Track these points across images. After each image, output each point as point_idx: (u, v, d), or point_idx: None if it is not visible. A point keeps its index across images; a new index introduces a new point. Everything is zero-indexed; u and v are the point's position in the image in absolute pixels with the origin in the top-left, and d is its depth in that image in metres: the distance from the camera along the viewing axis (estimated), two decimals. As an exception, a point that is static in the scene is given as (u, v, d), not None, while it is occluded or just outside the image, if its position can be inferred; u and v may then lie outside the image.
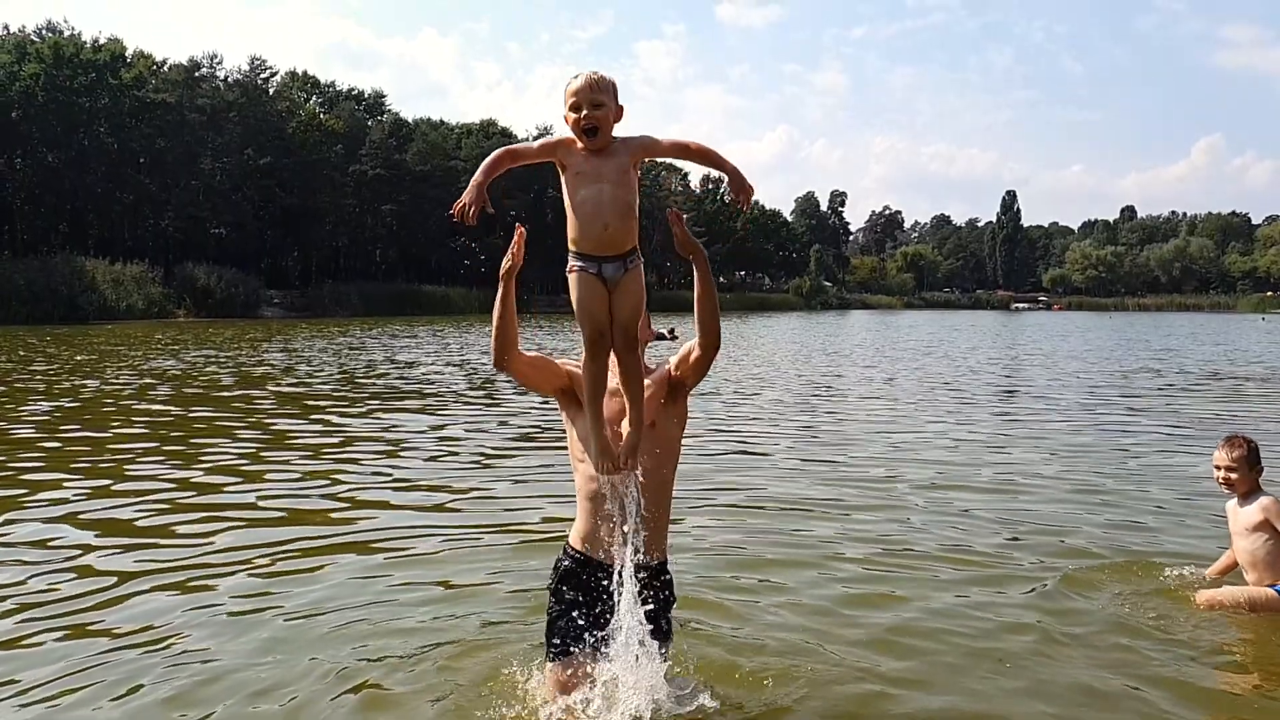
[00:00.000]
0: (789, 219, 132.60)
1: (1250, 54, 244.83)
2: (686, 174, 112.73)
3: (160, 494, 7.81)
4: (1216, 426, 12.49)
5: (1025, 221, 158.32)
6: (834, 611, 5.11)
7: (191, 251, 58.57)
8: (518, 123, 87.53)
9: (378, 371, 19.86)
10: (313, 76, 75.65)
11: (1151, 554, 6.23)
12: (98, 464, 9.11)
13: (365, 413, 13.27)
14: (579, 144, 3.23)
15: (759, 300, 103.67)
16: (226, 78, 66.63)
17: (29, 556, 6.01)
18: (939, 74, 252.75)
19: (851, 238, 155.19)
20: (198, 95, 62.68)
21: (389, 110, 79.67)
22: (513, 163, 3.36)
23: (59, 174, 54.47)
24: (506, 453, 10.08)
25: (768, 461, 9.79)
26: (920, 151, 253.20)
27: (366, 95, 79.12)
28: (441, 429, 11.77)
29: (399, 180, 72.92)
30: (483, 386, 16.81)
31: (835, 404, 15.20)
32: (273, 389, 16.15)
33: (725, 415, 13.18)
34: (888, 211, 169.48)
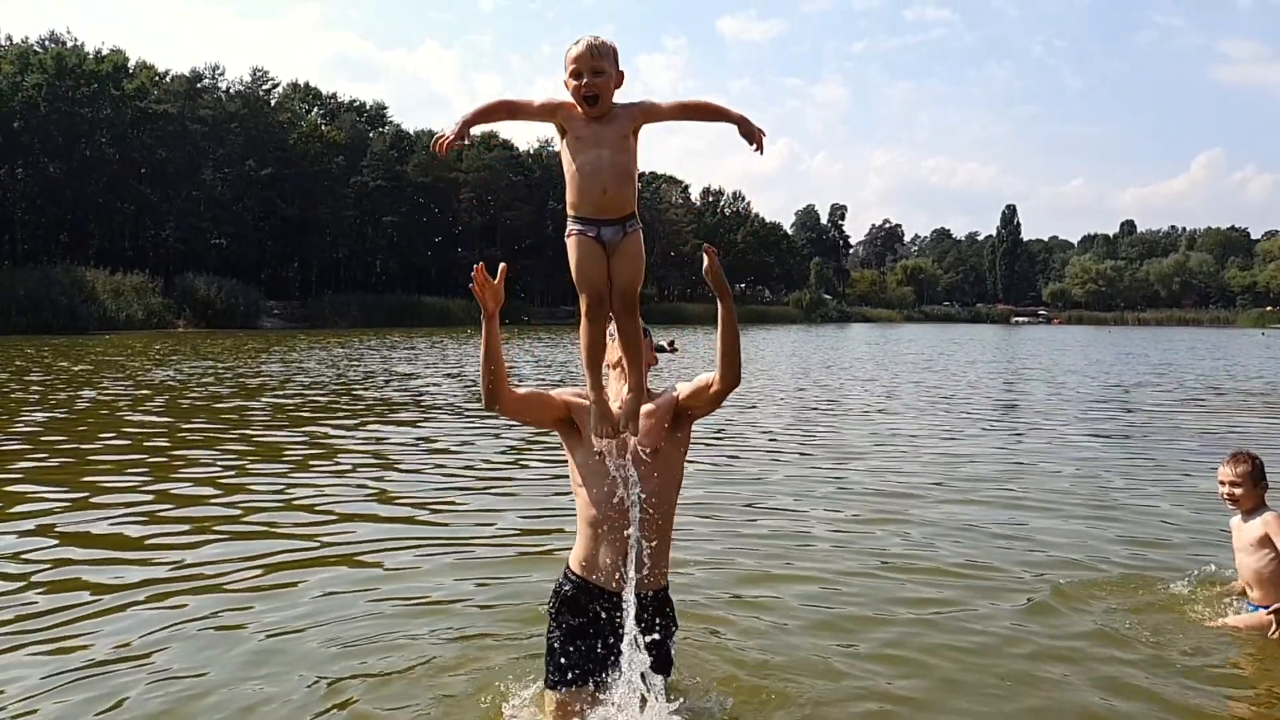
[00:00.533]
0: (789, 232, 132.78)
1: (1249, 69, 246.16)
2: (687, 186, 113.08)
3: (143, 507, 7.74)
4: (1217, 442, 12.42)
5: (1025, 235, 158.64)
6: (835, 626, 5.10)
7: (192, 262, 58.60)
8: (519, 135, 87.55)
9: (373, 383, 19.80)
10: (314, 88, 75.86)
11: (1150, 568, 6.21)
12: (80, 477, 9.01)
13: (358, 425, 13.19)
14: (580, 110, 3.20)
15: (759, 313, 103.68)
16: (228, 89, 66.82)
17: (8, 569, 5.94)
18: (939, 88, 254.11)
19: (851, 251, 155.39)
20: (199, 106, 62.83)
21: (390, 122, 79.88)
22: (509, 115, 3.31)
23: (60, 184, 54.53)
24: (498, 466, 10.00)
25: (767, 474, 9.73)
26: (920, 165, 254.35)
27: (368, 107, 79.31)
28: (435, 442, 11.68)
29: (400, 191, 73.08)
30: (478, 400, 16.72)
31: (835, 417, 15.13)
32: (266, 400, 16.08)
33: (724, 427, 13.11)
34: (888, 225, 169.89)
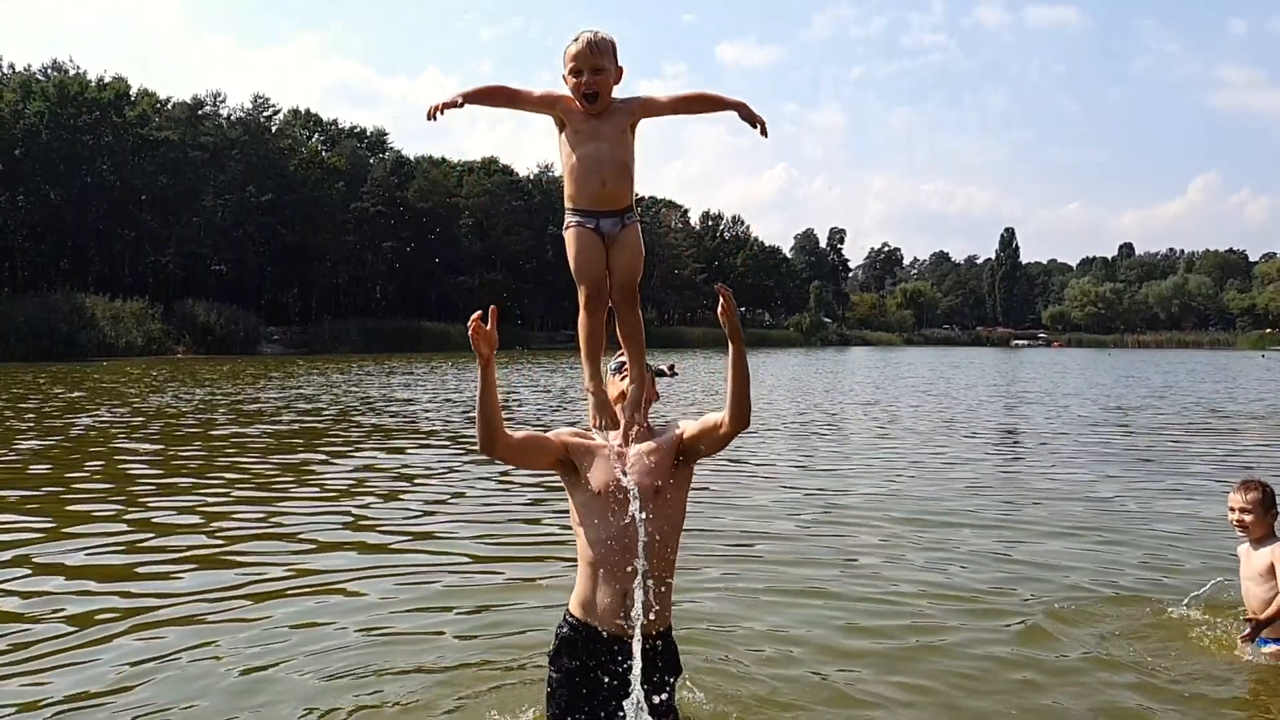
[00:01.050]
0: (788, 255, 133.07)
1: (1244, 94, 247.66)
2: (686, 210, 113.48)
3: (124, 536, 7.67)
4: (1219, 466, 12.39)
5: (1024, 258, 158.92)
6: (837, 651, 5.15)
7: (192, 288, 58.64)
8: (519, 160, 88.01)
9: (370, 409, 19.70)
10: (315, 114, 76.15)
11: (1150, 591, 6.23)
12: (64, 506, 8.92)
13: (348, 452, 13.10)
14: (578, 106, 3.20)
15: (759, 336, 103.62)
16: (229, 116, 67.07)
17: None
18: (936, 113, 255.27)
19: (851, 274, 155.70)
20: (201, 133, 63.07)
21: (391, 148, 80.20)
22: (507, 102, 3.28)
23: (61, 211, 54.64)
24: (488, 493, 9.93)
25: (767, 499, 9.71)
26: (919, 189, 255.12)
27: (369, 133, 79.64)
28: (425, 468, 11.61)
29: (400, 217, 73.27)
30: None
31: (835, 441, 15.06)
32: (260, 428, 15.98)
33: (723, 452, 13.02)
34: (887, 248, 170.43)
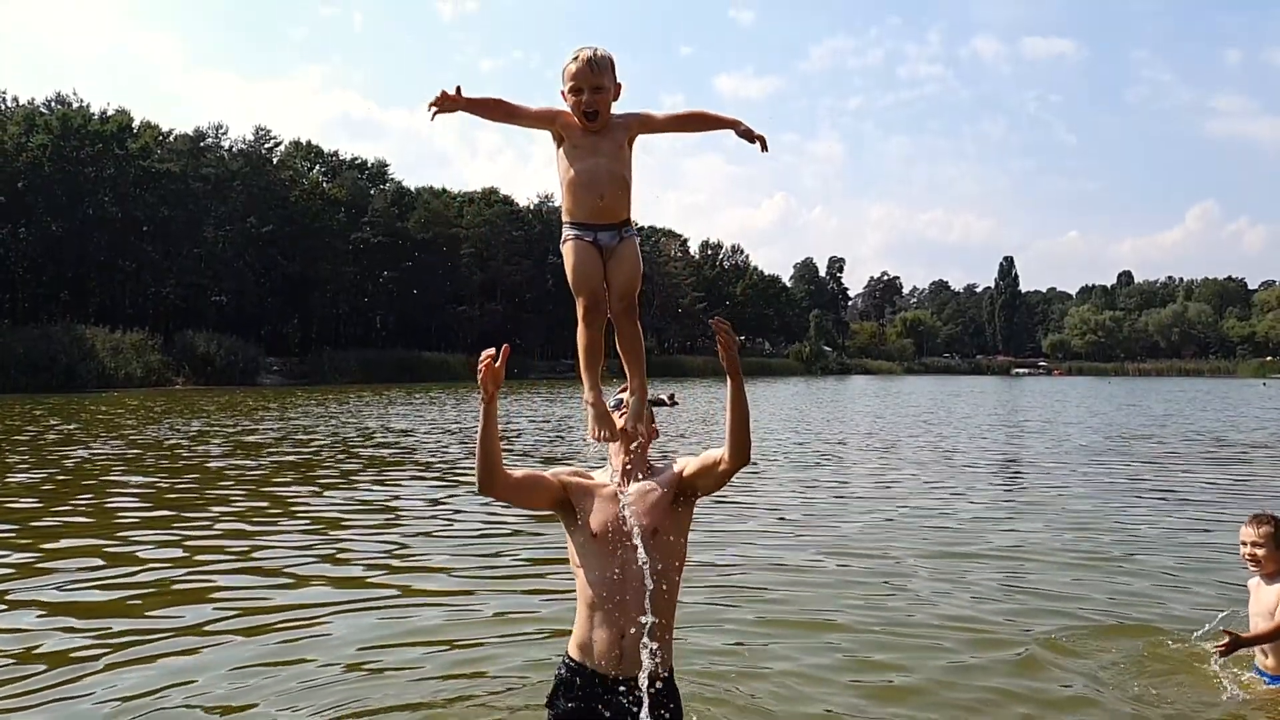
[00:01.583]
0: (788, 285, 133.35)
1: (1240, 123, 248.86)
2: (686, 240, 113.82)
3: (101, 572, 7.57)
4: (1224, 495, 12.31)
5: (1023, 287, 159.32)
6: (838, 683, 5.16)
7: (192, 319, 58.65)
8: (520, 191, 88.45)
9: (364, 441, 19.61)
10: (316, 146, 76.52)
11: (1153, 622, 6.23)
12: (43, 542, 8.78)
13: (335, 485, 12.98)
14: (577, 122, 3.20)
15: (760, 365, 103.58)
16: (231, 147, 67.47)
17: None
18: (934, 143, 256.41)
19: (850, 303, 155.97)
20: (202, 165, 63.39)
21: (391, 179, 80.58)
22: (505, 116, 3.27)
23: (62, 242, 54.76)
24: (480, 527, 9.82)
25: (767, 529, 9.69)
26: (917, 218, 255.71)
27: (370, 164, 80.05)
28: (414, 501, 11.52)
29: (400, 248, 73.45)
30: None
31: (836, 472, 14.96)
32: (254, 460, 15.88)
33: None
34: (886, 277, 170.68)
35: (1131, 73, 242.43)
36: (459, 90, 3.10)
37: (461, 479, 13.59)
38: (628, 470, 3.31)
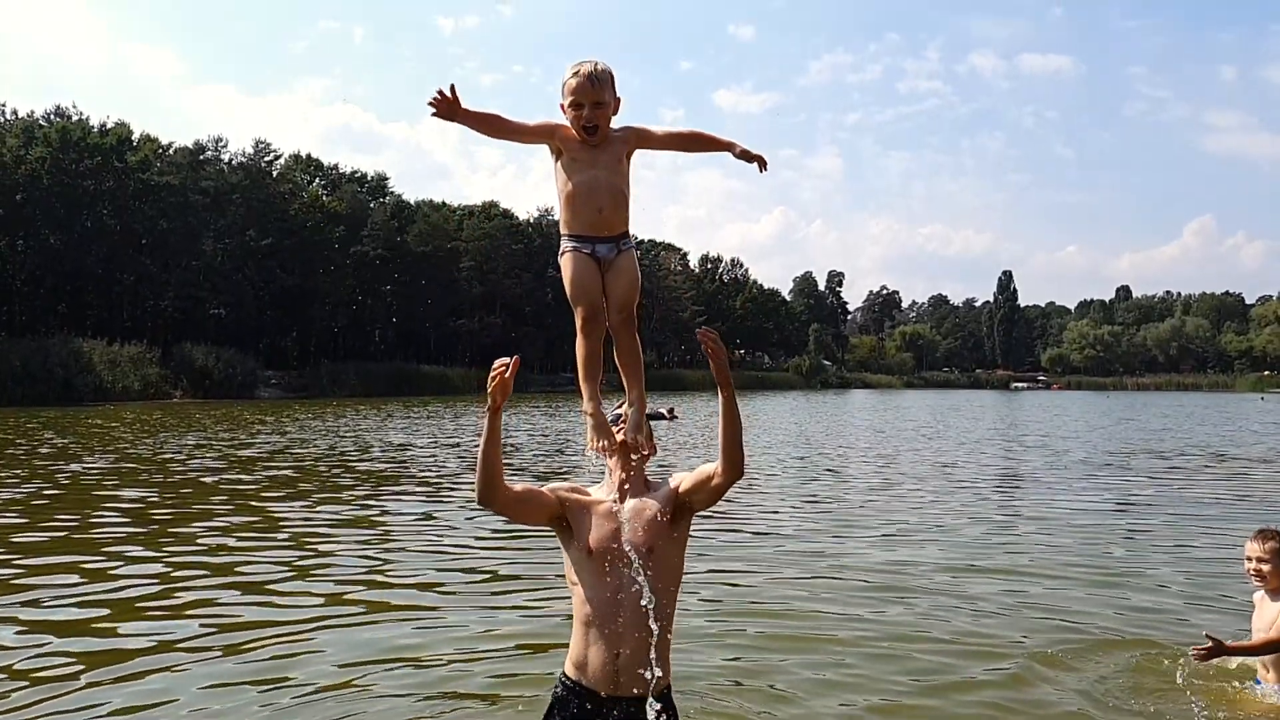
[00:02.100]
0: (787, 298, 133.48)
1: (1236, 138, 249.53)
2: (685, 254, 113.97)
3: (80, 589, 7.48)
4: (1224, 509, 12.30)
5: (1022, 301, 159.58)
6: (832, 697, 5.15)
7: (190, 331, 58.58)
8: (519, 204, 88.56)
9: (357, 456, 19.51)
10: (316, 159, 76.64)
11: (1152, 636, 6.22)
12: (19, 558, 8.67)
13: (328, 499, 12.91)
14: (576, 135, 3.20)
15: (759, 379, 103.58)
16: (230, 160, 67.59)
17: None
18: (933, 157, 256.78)
19: (850, 317, 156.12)
20: (202, 177, 63.48)
21: (391, 192, 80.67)
22: (503, 132, 3.27)
23: (60, 255, 54.76)
24: (467, 543, 9.74)
25: (766, 543, 9.65)
26: (916, 232, 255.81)
27: (369, 177, 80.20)
28: (408, 517, 11.44)
29: (399, 261, 73.46)
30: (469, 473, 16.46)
31: (836, 486, 14.89)
32: (245, 476, 15.80)
33: (725, 496, 12.84)
34: (885, 291, 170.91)
35: (1128, 89, 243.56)
36: (455, 93, 3.08)
37: (453, 493, 13.51)
38: (624, 487, 3.27)
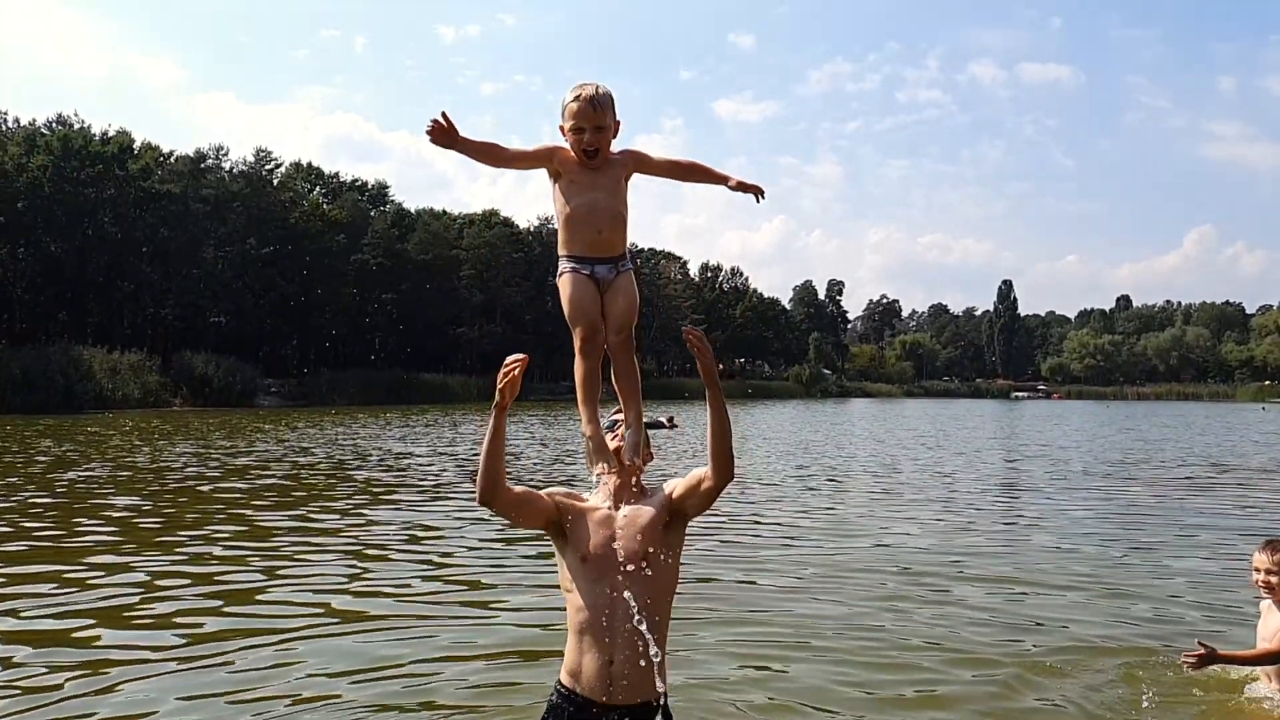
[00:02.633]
0: (787, 307, 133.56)
1: (1236, 148, 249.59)
2: (685, 262, 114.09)
3: (56, 598, 7.43)
4: (1224, 519, 12.28)
5: (1022, 310, 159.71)
6: (827, 702, 5.14)
7: (190, 340, 58.62)
8: (519, 213, 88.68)
9: (361, 464, 19.49)
10: (317, 167, 76.90)
11: (1149, 644, 6.22)
12: (4, 568, 8.60)
13: (319, 510, 12.88)
14: (575, 157, 3.21)
15: (760, 388, 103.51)
16: (231, 169, 67.71)
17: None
18: (933, 166, 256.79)
19: (850, 326, 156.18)
20: (203, 186, 63.59)
21: (392, 200, 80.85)
22: (499, 160, 3.29)
23: (61, 263, 54.83)
24: (455, 552, 9.70)
25: (762, 550, 9.67)
26: (916, 241, 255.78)
27: (370, 186, 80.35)
28: (399, 525, 11.42)
29: (400, 269, 73.54)
30: (452, 483, 16.45)
31: (835, 495, 14.86)
32: (238, 485, 15.76)
33: (722, 505, 12.81)
34: (885, 300, 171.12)
35: (1128, 98, 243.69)
36: (448, 121, 3.08)
37: (444, 502, 13.50)
38: (620, 493, 3.26)
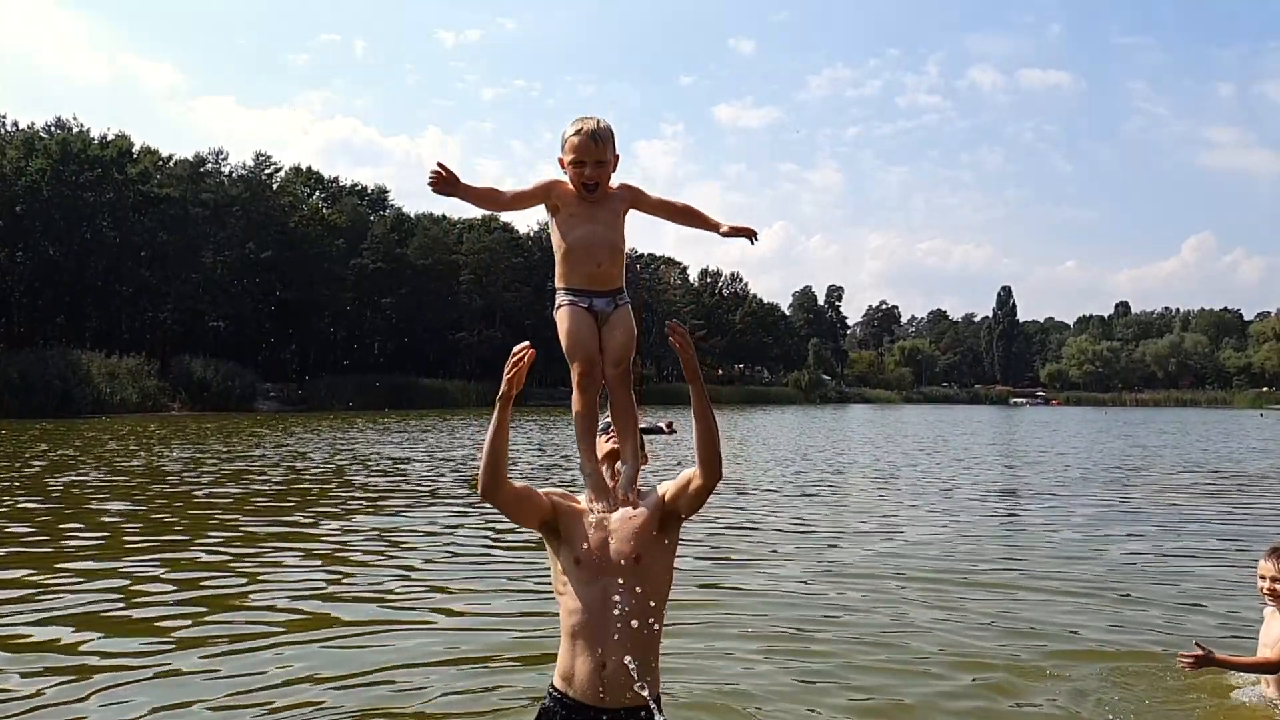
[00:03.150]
0: (787, 312, 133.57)
1: (1234, 155, 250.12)
2: (685, 268, 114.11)
3: (42, 604, 7.37)
4: (1223, 524, 12.33)
5: (1021, 316, 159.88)
6: (822, 706, 5.14)
7: (189, 344, 58.54)
8: (519, 219, 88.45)
9: (358, 469, 19.45)
10: (316, 172, 76.83)
11: (1147, 649, 6.21)
12: None
13: (313, 516, 12.82)
14: (573, 191, 3.23)
15: (759, 393, 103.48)
16: (231, 173, 67.66)
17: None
18: (932, 172, 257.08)
19: (849, 332, 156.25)
20: (202, 190, 63.53)
21: (392, 205, 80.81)
22: (499, 204, 3.34)
23: (59, 266, 54.76)
24: (443, 558, 9.65)
25: (760, 554, 9.65)
26: (916, 247, 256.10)
27: (370, 190, 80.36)
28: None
29: (399, 274, 73.48)
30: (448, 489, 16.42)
31: (835, 500, 14.86)
32: (239, 488, 15.73)
33: (721, 511, 12.79)
34: (884, 306, 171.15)
35: (1127, 105, 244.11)
36: (448, 171, 3.08)
37: (439, 508, 13.45)
38: (613, 496, 3.25)
